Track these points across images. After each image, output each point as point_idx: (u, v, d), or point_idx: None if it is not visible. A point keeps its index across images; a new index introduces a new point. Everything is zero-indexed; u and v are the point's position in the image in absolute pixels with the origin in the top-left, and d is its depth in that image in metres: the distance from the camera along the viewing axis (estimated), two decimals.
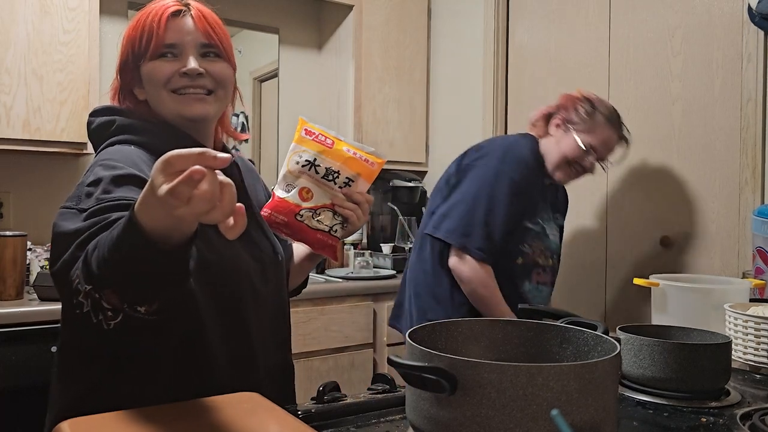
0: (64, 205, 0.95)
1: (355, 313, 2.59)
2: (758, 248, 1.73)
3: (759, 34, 2.03)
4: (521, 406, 0.68)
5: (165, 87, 1.06)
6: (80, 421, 0.68)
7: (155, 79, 1.06)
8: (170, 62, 1.05)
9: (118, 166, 0.97)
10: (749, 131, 2.06)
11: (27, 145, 2.21)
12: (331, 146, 1.14)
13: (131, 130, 1.06)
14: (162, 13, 1.05)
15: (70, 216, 0.93)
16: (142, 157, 1.02)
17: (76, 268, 0.83)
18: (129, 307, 0.80)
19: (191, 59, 1.06)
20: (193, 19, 1.07)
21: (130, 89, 1.10)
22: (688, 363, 1.04)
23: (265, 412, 0.74)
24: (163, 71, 1.05)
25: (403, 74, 3.15)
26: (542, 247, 1.85)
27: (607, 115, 1.85)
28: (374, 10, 3.04)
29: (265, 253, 1.15)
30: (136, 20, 1.08)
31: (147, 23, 1.05)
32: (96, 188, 0.94)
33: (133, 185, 0.93)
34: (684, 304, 1.45)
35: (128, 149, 1.03)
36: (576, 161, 1.82)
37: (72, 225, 0.90)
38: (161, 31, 1.05)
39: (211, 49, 1.09)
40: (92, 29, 2.31)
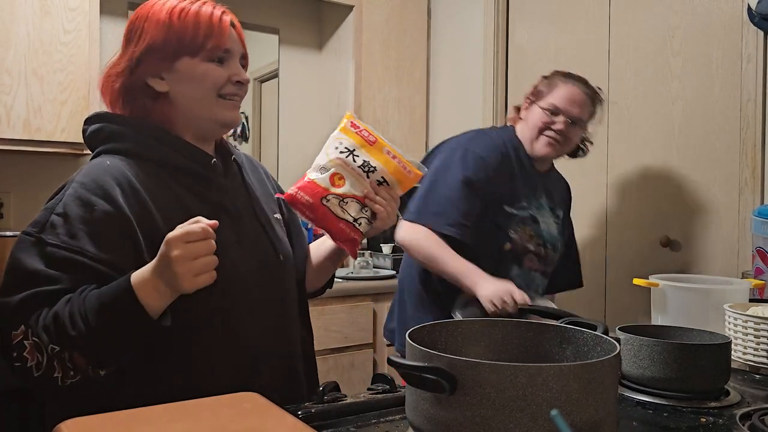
0: (26, 230, 0.97)
1: (355, 313, 2.59)
2: (758, 248, 1.73)
3: (759, 34, 2.03)
4: (521, 406, 0.68)
5: (216, 91, 1.07)
6: (80, 421, 0.68)
7: (208, 81, 1.06)
8: (222, 68, 1.07)
9: (90, 202, 0.96)
10: (749, 131, 2.06)
11: (27, 145, 2.21)
12: (373, 143, 1.15)
13: (118, 137, 1.05)
14: (220, 17, 1.07)
15: (28, 246, 0.95)
16: (121, 170, 1.01)
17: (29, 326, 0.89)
18: (94, 369, 0.90)
19: (240, 69, 1.10)
20: (236, 30, 1.12)
21: (146, 80, 1.06)
22: (687, 363, 1.04)
23: (264, 412, 0.74)
24: (220, 75, 1.06)
25: (403, 74, 3.15)
26: (531, 233, 1.77)
27: (564, 74, 1.82)
28: (374, 10, 3.04)
29: (264, 253, 1.14)
30: (181, 12, 1.05)
31: (204, 22, 1.05)
32: (63, 223, 0.95)
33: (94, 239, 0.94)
34: (684, 305, 1.45)
35: (106, 165, 1.01)
36: (545, 127, 1.76)
37: (29, 261, 0.93)
38: (224, 36, 1.07)
39: (244, 60, 1.14)
40: (92, 29, 2.31)
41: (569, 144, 1.81)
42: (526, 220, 1.77)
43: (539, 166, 1.84)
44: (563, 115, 1.75)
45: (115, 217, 0.96)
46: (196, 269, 0.88)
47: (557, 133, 1.75)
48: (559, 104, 1.75)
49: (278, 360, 1.14)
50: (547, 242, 1.82)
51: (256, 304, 1.09)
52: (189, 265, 0.87)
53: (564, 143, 1.79)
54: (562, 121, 1.75)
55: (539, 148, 1.78)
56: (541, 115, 1.76)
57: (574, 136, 1.80)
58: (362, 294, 2.62)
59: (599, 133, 2.50)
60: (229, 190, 1.12)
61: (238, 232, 1.09)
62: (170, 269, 0.87)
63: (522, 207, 1.77)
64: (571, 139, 1.80)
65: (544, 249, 1.81)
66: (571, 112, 1.75)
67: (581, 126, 1.81)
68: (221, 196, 1.09)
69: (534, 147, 1.78)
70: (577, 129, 1.79)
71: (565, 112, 1.75)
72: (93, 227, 0.95)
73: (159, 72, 1.06)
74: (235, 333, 1.06)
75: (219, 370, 1.03)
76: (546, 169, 1.88)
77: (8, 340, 0.90)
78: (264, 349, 1.10)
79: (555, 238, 1.86)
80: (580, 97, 1.77)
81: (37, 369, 0.89)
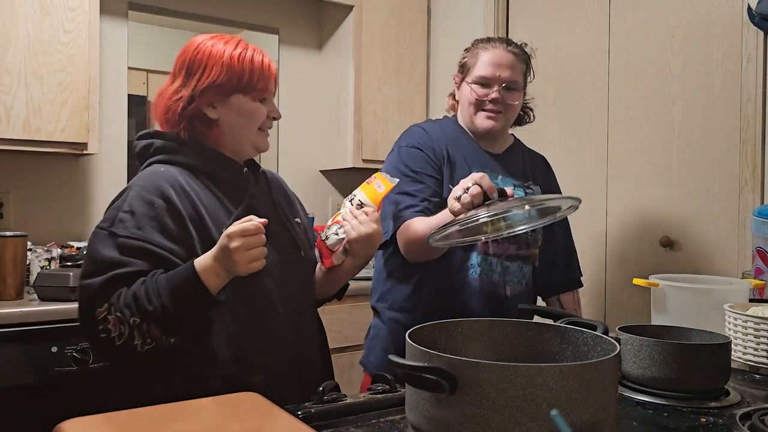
0: (100, 225, 1.18)
1: (355, 313, 2.59)
2: (758, 248, 1.73)
3: (759, 34, 2.03)
4: (521, 406, 0.68)
5: (258, 125, 1.31)
6: (80, 421, 0.68)
7: (255, 117, 1.30)
8: (264, 106, 1.31)
9: (152, 200, 1.18)
10: (749, 131, 2.06)
11: (27, 145, 2.21)
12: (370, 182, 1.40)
13: (166, 151, 1.28)
14: (269, 65, 1.30)
15: (103, 238, 1.16)
16: (174, 175, 1.23)
17: (111, 303, 1.10)
18: (166, 337, 1.11)
19: (275, 107, 1.34)
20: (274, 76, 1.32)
21: (204, 106, 1.27)
22: (687, 363, 1.04)
23: (264, 412, 0.74)
24: (262, 113, 1.31)
25: (403, 74, 3.15)
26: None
27: (483, 39, 1.72)
28: (374, 10, 3.04)
29: (287, 250, 1.32)
30: (240, 58, 1.27)
31: (257, 68, 1.28)
32: (130, 219, 1.16)
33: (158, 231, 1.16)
34: (684, 304, 1.45)
35: (160, 171, 1.23)
36: (480, 101, 1.65)
37: (105, 251, 1.14)
38: (270, 81, 1.30)
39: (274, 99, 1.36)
40: (92, 29, 2.31)
41: (511, 111, 1.69)
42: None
43: (490, 147, 1.72)
44: (494, 83, 1.64)
45: (172, 213, 1.18)
46: (250, 257, 1.10)
47: (494, 103, 1.65)
48: (487, 73, 1.64)
49: (295, 348, 1.29)
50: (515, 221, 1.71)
51: (278, 293, 1.26)
52: (245, 254, 1.09)
53: (506, 111, 1.67)
54: (495, 90, 1.64)
55: (480, 124, 1.67)
56: (472, 90, 1.66)
57: (513, 101, 1.67)
58: (362, 294, 2.61)
59: (599, 133, 2.51)
60: (257, 195, 1.34)
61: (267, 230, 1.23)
62: (230, 257, 1.09)
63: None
64: (511, 106, 1.68)
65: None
66: (501, 78, 1.64)
67: (517, 88, 1.68)
68: (252, 200, 1.30)
69: (476, 125, 1.68)
70: (514, 93, 1.67)
71: (495, 79, 1.64)
72: (155, 221, 1.16)
73: (213, 103, 1.28)
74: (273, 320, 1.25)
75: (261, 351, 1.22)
76: (502, 150, 1.75)
77: (93, 316, 1.11)
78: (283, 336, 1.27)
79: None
80: (507, 58, 1.66)
81: (120, 338, 1.10)
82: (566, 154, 2.58)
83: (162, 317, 1.09)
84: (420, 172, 1.62)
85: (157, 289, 1.09)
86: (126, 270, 1.12)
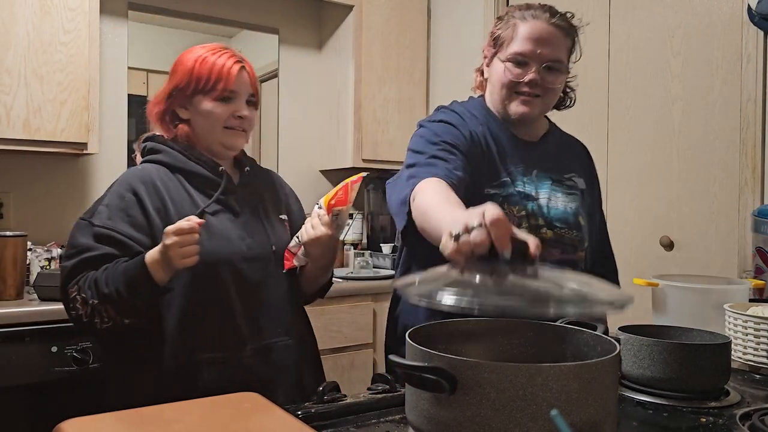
0: (82, 216, 1.34)
1: (355, 313, 2.59)
2: (758, 248, 1.73)
3: (759, 34, 2.03)
4: (521, 406, 0.68)
5: (222, 123, 1.39)
6: (80, 421, 0.68)
7: (215, 117, 1.39)
8: (227, 105, 1.39)
9: (123, 195, 1.33)
10: (749, 131, 2.06)
11: (27, 145, 2.21)
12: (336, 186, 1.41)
13: (153, 151, 1.42)
14: (231, 68, 1.39)
15: (83, 227, 1.31)
16: (149, 173, 1.37)
17: (79, 285, 1.26)
18: (120, 318, 1.25)
19: (243, 105, 1.41)
20: (248, 74, 1.42)
21: (174, 108, 1.43)
22: (687, 363, 1.04)
23: (264, 412, 0.74)
24: (223, 113, 1.39)
25: (403, 74, 3.15)
26: (522, 213, 1.38)
27: (521, 6, 1.43)
28: (374, 10, 3.04)
29: (259, 244, 1.40)
30: (202, 60, 1.38)
31: (216, 71, 1.38)
32: (105, 211, 1.31)
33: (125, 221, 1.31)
34: (684, 304, 1.45)
35: (138, 169, 1.39)
36: (515, 83, 1.40)
37: (82, 238, 1.29)
38: (230, 81, 1.38)
39: (253, 98, 1.44)
40: (92, 29, 2.31)
41: (551, 95, 1.44)
42: (512, 198, 1.38)
43: (524, 133, 1.47)
44: (533, 62, 1.38)
45: (139, 206, 1.32)
46: (182, 254, 1.19)
47: (530, 85, 1.39)
48: (525, 50, 1.38)
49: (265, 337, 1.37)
50: (555, 220, 1.42)
51: (237, 282, 1.35)
52: (177, 250, 1.19)
53: (545, 95, 1.42)
54: (534, 70, 1.38)
55: (515, 110, 1.42)
56: (506, 69, 1.40)
57: (554, 83, 1.41)
58: (362, 294, 2.62)
59: (599, 133, 2.51)
60: (234, 191, 1.43)
61: (238, 224, 1.39)
62: (166, 252, 1.20)
63: (504, 184, 1.39)
64: (552, 90, 1.42)
65: (550, 230, 1.40)
66: (542, 56, 1.38)
67: (560, 69, 1.41)
68: (224, 196, 1.40)
69: (509, 110, 1.43)
70: (556, 75, 1.41)
71: (534, 57, 1.38)
72: (124, 212, 1.31)
73: (184, 104, 1.41)
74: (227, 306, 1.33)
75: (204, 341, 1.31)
76: (539, 137, 1.51)
77: (66, 294, 1.28)
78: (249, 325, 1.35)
79: (570, 213, 1.44)
80: (549, 32, 1.38)
81: (85, 316, 1.26)
82: None
83: (116, 301, 1.23)
84: (452, 143, 1.35)
85: (114, 275, 1.23)
86: (94, 254, 1.27)
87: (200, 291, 1.32)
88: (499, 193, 1.37)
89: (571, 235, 1.42)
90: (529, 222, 1.38)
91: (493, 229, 0.81)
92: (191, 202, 1.36)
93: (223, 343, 1.32)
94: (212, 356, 1.30)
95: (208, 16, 2.94)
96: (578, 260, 1.44)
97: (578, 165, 1.55)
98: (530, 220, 1.38)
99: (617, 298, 0.81)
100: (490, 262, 0.80)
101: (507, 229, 0.82)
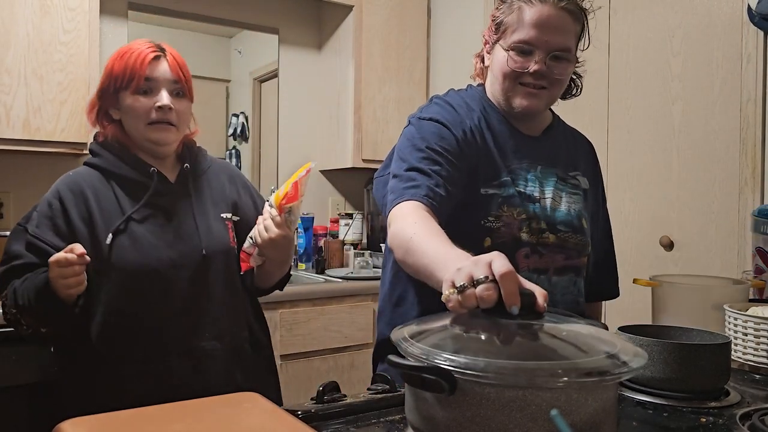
0: (19, 221, 1.37)
1: (355, 313, 2.59)
2: (758, 248, 1.73)
3: (759, 34, 2.03)
4: (521, 406, 0.68)
5: (143, 119, 1.35)
6: (80, 421, 0.68)
7: (135, 112, 1.35)
8: (147, 98, 1.35)
9: (50, 202, 1.34)
10: (749, 131, 2.06)
11: (27, 145, 2.21)
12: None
13: (93, 154, 1.42)
14: (144, 56, 1.35)
15: (18, 232, 1.34)
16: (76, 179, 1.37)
17: (6, 292, 1.30)
18: (37, 326, 1.30)
19: (164, 94, 1.35)
20: (168, 62, 1.37)
21: (107, 110, 1.40)
22: (688, 363, 1.04)
23: (264, 412, 0.74)
24: (143, 106, 1.35)
25: (403, 74, 3.15)
26: (522, 216, 1.27)
27: None
28: (374, 10, 3.04)
29: (189, 246, 1.37)
30: (120, 56, 1.36)
31: (131, 63, 1.34)
32: (36, 218, 1.34)
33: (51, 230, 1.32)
34: (684, 304, 1.45)
35: (70, 175, 1.40)
36: (518, 73, 1.27)
37: (15, 245, 1.33)
38: (143, 70, 1.34)
39: (178, 86, 1.38)
40: (92, 29, 2.31)
41: (558, 87, 1.31)
42: (513, 200, 1.27)
43: (526, 128, 1.36)
44: (539, 50, 1.26)
45: (64, 214, 1.32)
46: (64, 285, 1.20)
47: (535, 76, 1.27)
48: (530, 37, 1.25)
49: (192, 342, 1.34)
50: (558, 223, 1.32)
51: (165, 286, 1.33)
52: (59, 281, 1.20)
53: (551, 86, 1.29)
54: (540, 59, 1.26)
55: (519, 103, 1.29)
56: (509, 58, 1.27)
57: (561, 74, 1.29)
58: (362, 294, 2.62)
59: (599, 133, 2.51)
60: (167, 193, 1.39)
61: (168, 229, 1.36)
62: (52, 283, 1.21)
63: (504, 184, 1.28)
64: (559, 81, 1.30)
65: (553, 234, 1.30)
66: (549, 43, 1.25)
67: (568, 59, 1.29)
68: (156, 198, 1.37)
69: (512, 103, 1.30)
70: (564, 64, 1.28)
71: (540, 45, 1.25)
72: (50, 221, 1.32)
73: (113, 104, 1.39)
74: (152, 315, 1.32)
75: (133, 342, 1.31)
76: (541, 130, 1.40)
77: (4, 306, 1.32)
78: (176, 334, 1.33)
79: (573, 216, 1.35)
80: (557, 17, 1.26)
81: (12, 322, 1.31)
82: None
83: (29, 311, 1.27)
84: (438, 151, 1.23)
85: (28, 286, 1.26)
86: (20, 262, 1.30)
87: (124, 301, 1.30)
88: (499, 194, 1.27)
89: (575, 239, 1.34)
90: (531, 226, 1.28)
91: (504, 284, 0.78)
92: (119, 208, 1.34)
93: (147, 354, 1.30)
94: (135, 369, 1.29)
95: (208, 16, 2.94)
96: (581, 266, 1.37)
97: (583, 162, 1.45)
98: (532, 223, 1.28)
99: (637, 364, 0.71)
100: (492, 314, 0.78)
101: (517, 283, 0.78)
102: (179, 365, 1.32)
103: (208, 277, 1.38)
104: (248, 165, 3.06)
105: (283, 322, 2.37)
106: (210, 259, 1.38)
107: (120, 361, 1.30)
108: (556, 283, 1.30)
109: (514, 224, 1.26)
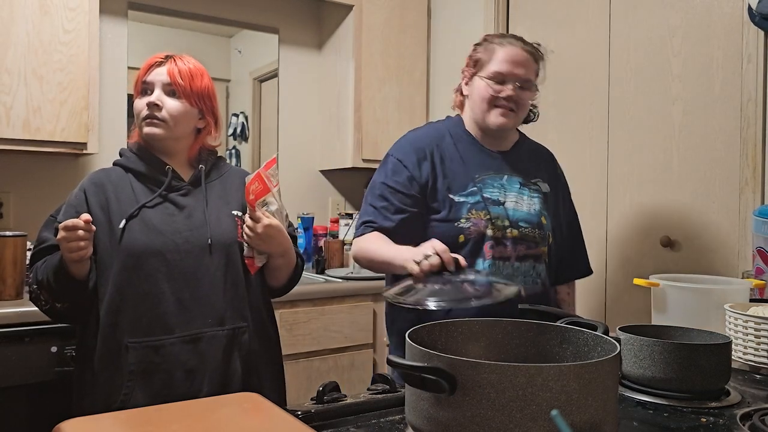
0: (52, 213, 1.52)
1: (355, 313, 2.59)
2: (758, 248, 1.73)
3: (759, 34, 2.03)
4: (521, 406, 0.68)
5: (139, 117, 1.51)
6: (80, 421, 0.68)
7: (135, 111, 1.52)
8: (145, 98, 1.50)
9: (76, 194, 1.50)
10: (749, 131, 2.06)
11: (27, 145, 2.21)
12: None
13: (120, 155, 1.58)
14: (149, 64, 1.52)
15: (49, 222, 1.50)
16: (100, 175, 1.53)
17: (32, 270, 1.46)
18: (53, 302, 1.43)
19: (155, 93, 1.49)
20: (167, 67, 1.50)
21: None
22: (688, 363, 1.04)
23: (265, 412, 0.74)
24: (139, 105, 1.51)
25: (403, 74, 3.15)
26: (488, 217, 1.62)
27: (497, 35, 1.73)
28: (374, 10, 3.04)
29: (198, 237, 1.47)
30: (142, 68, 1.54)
31: (139, 72, 1.52)
32: (64, 208, 1.50)
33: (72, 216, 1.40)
34: (684, 304, 1.45)
35: (95, 171, 1.56)
36: (494, 97, 1.65)
37: (45, 232, 1.49)
38: (143, 76, 1.51)
39: (171, 87, 1.49)
40: (92, 29, 2.31)
41: (523, 109, 1.69)
42: (478, 205, 1.63)
43: (498, 145, 1.73)
44: (509, 80, 1.64)
45: (85, 204, 1.47)
46: (68, 249, 1.32)
47: (508, 100, 1.64)
48: (503, 69, 1.64)
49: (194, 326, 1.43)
50: (520, 221, 1.67)
51: (169, 274, 1.43)
52: (64, 245, 1.32)
53: (518, 110, 1.67)
54: (510, 88, 1.64)
55: (494, 121, 1.66)
56: (486, 86, 1.65)
57: (525, 100, 1.68)
58: (362, 294, 2.62)
59: (599, 133, 2.51)
60: (181, 188, 1.52)
61: (178, 218, 1.48)
62: (61, 248, 1.35)
63: (471, 192, 1.64)
64: (523, 105, 1.68)
65: (515, 230, 1.65)
66: (518, 75, 1.64)
67: (530, 88, 1.68)
68: (170, 192, 1.51)
69: (488, 121, 1.67)
70: (527, 92, 1.68)
71: (510, 76, 1.64)
72: (74, 209, 1.46)
73: None
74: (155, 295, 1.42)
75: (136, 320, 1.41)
76: (509, 146, 1.76)
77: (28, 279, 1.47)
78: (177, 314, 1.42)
79: (534, 214, 1.69)
80: (523, 56, 1.66)
81: (31, 299, 1.46)
82: (566, 155, 2.58)
83: (47, 287, 1.40)
84: (392, 188, 1.64)
85: (47, 265, 1.41)
86: (46, 245, 1.46)
87: (129, 280, 1.41)
88: (467, 201, 1.63)
89: (534, 233, 1.68)
90: (495, 224, 1.62)
91: (443, 256, 1.31)
92: (135, 199, 1.48)
93: (149, 330, 1.40)
94: (137, 341, 1.39)
95: (208, 16, 2.94)
96: (541, 254, 1.70)
97: (544, 170, 1.81)
98: (496, 222, 1.63)
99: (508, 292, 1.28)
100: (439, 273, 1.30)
101: (450, 254, 1.31)
102: (180, 344, 1.41)
103: (212, 264, 1.47)
104: (248, 165, 3.06)
105: (283, 322, 2.37)
106: (215, 247, 1.48)
107: (121, 336, 1.40)
108: (518, 268, 1.65)
109: (480, 223, 1.61)
